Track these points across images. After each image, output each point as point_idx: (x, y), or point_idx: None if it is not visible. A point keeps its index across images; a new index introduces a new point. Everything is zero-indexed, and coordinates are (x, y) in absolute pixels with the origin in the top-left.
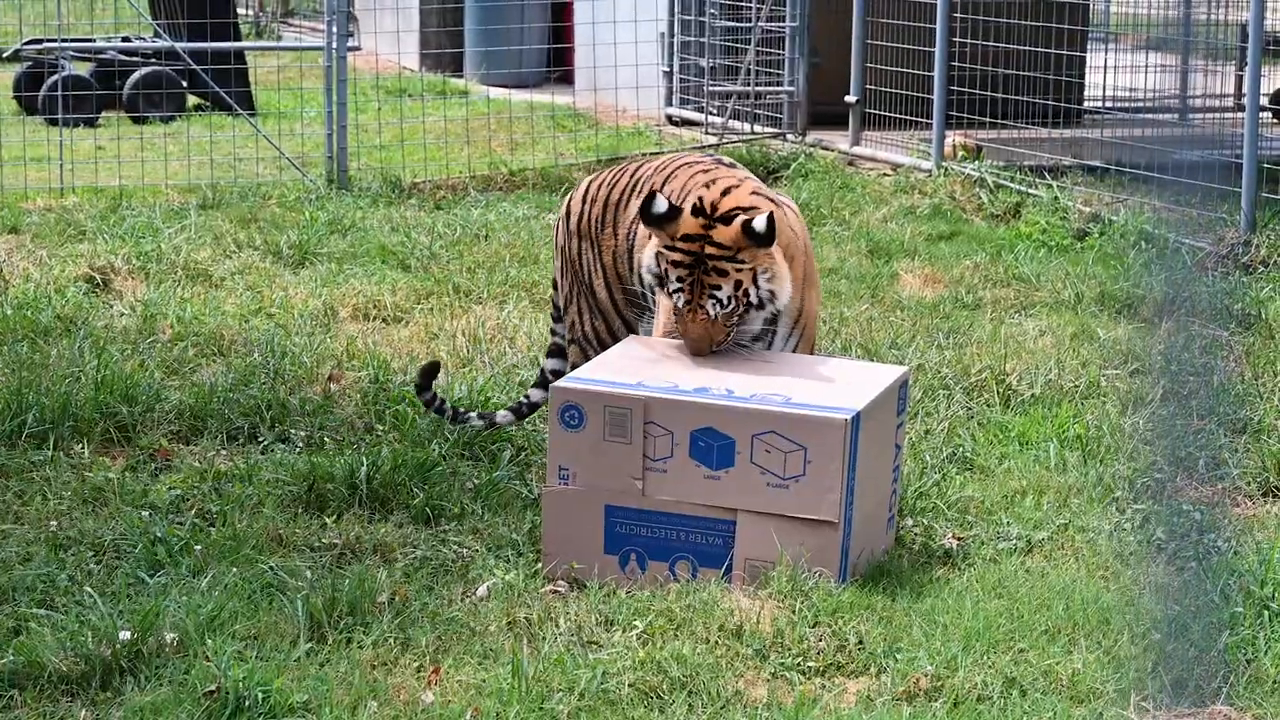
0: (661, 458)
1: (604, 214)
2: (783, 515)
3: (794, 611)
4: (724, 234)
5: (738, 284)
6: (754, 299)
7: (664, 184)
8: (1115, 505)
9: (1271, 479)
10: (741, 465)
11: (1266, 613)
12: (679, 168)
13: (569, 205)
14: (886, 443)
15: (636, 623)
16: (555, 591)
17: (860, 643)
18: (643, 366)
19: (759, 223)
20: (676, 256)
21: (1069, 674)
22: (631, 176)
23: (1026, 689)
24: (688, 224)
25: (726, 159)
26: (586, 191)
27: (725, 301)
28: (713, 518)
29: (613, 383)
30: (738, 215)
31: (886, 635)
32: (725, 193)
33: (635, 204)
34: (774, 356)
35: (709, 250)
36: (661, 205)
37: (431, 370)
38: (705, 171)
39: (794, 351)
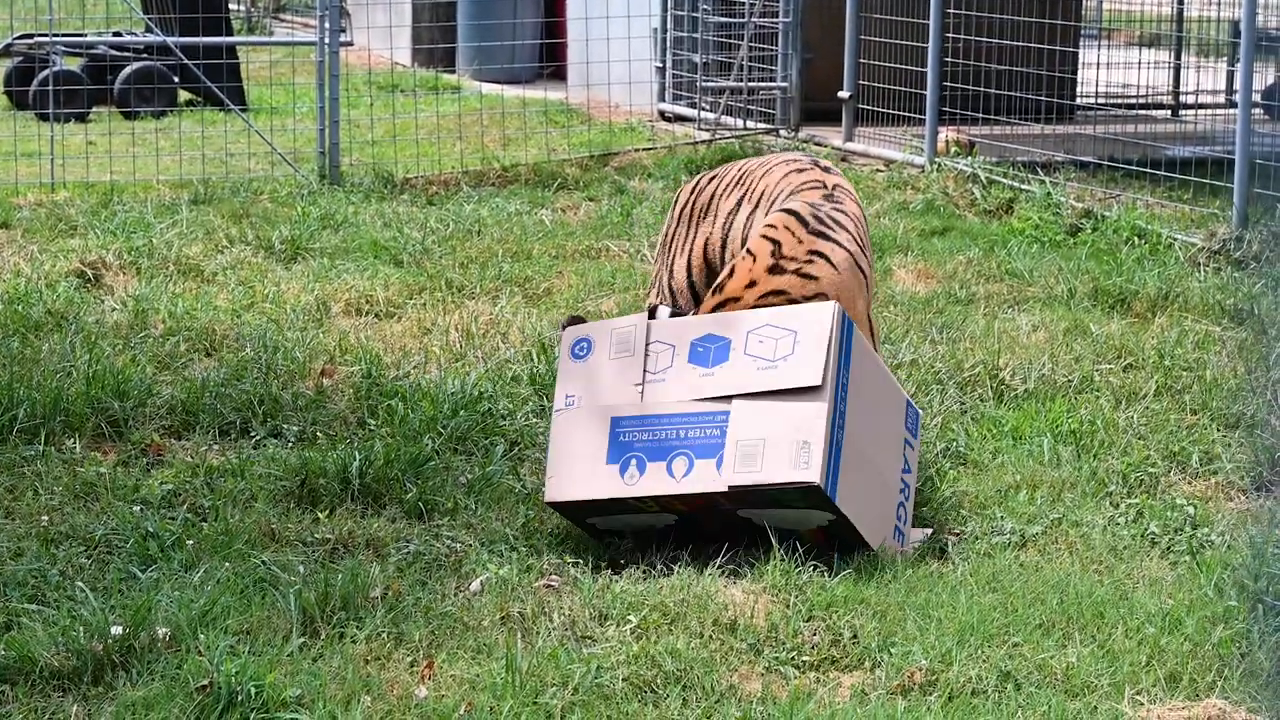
0: (662, 369)
1: (709, 203)
2: (771, 390)
3: (788, 605)
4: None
5: None
6: None
7: (762, 178)
8: (1109, 499)
9: (1264, 473)
10: (735, 358)
11: (1260, 606)
12: (778, 164)
13: (680, 194)
14: (891, 433)
15: (630, 617)
16: (549, 586)
17: (855, 637)
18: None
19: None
20: None
21: (1063, 667)
22: (739, 170)
23: (1021, 682)
24: None
25: (824, 161)
26: (698, 183)
27: None
28: (709, 411)
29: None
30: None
31: (881, 629)
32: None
33: (734, 194)
34: None
35: None
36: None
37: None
38: (799, 172)
39: None
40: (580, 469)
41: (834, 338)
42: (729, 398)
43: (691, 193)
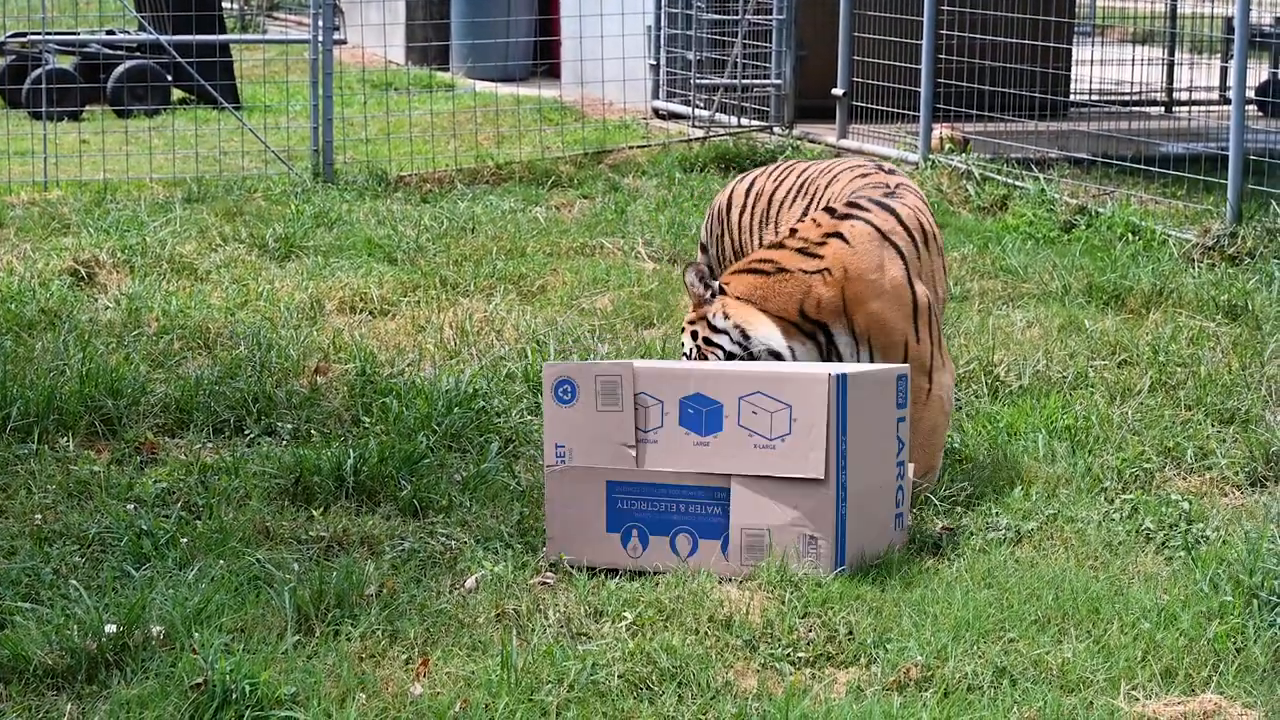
0: (653, 428)
1: (768, 209)
2: (773, 477)
3: (783, 602)
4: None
5: (694, 334)
6: (724, 344)
7: (827, 186)
8: (1104, 495)
9: (1259, 468)
10: (730, 429)
11: (1255, 601)
12: (843, 170)
13: (731, 193)
14: (885, 429)
15: (626, 614)
16: (544, 583)
17: (850, 633)
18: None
19: (689, 267)
20: None
21: (1059, 663)
22: (799, 177)
23: (1016, 678)
24: None
25: (888, 165)
26: (753, 184)
27: (690, 353)
28: (708, 486)
29: (604, 360)
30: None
31: (876, 625)
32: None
33: (799, 204)
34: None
35: (688, 316)
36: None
37: None
38: (863, 176)
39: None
40: (580, 533)
41: (832, 415)
42: (728, 475)
43: (747, 195)
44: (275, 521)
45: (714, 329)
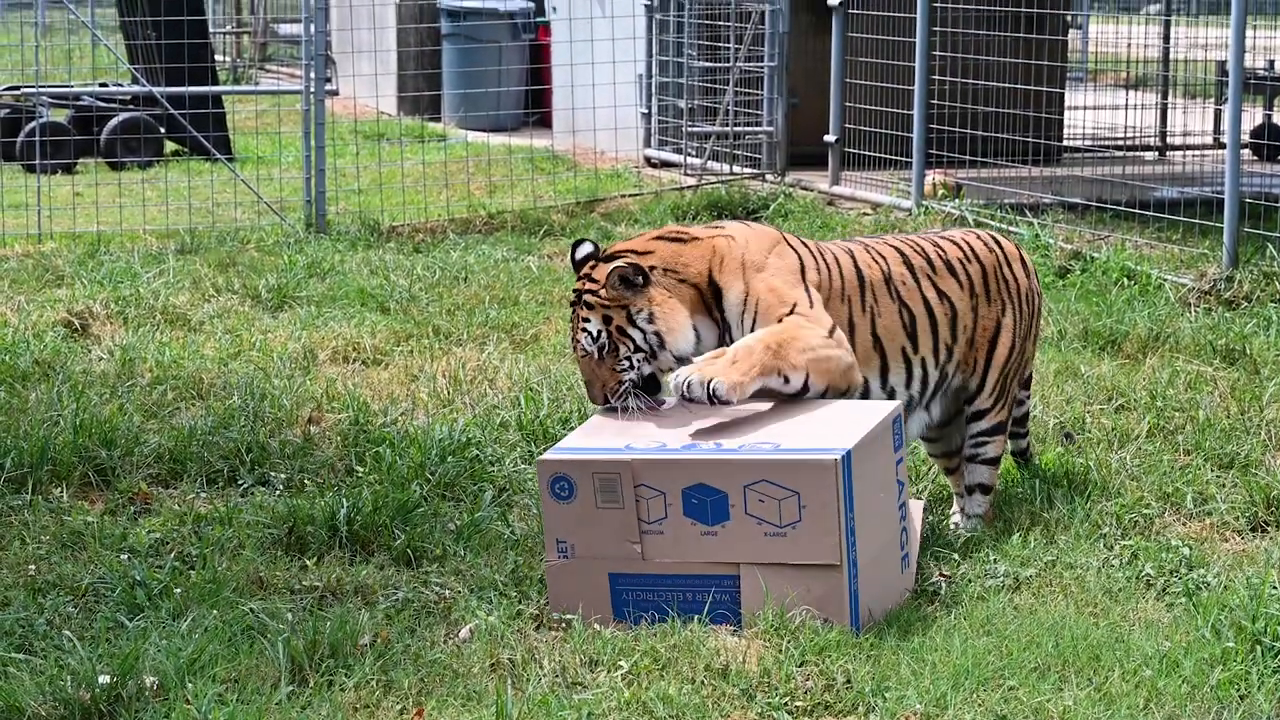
0: (656, 519)
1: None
2: (784, 564)
3: (780, 650)
4: (597, 270)
5: (607, 319)
6: (640, 343)
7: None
8: (1103, 541)
9: (1260, 513)
10: (737, 518)
11: (1259, 648)
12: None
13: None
14: (887, 480)
15: (622, 663)
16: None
17: (848, 681)
18: (629, 429)
19: (618, 264)
20: (571, 296)
21: (1060, 711)
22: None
23: None
24: (584, 267)
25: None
26: None
27: (595, 335)
28: (716, 574)
29: (599, 449)
30: (621, 256)
31: (874, 674)
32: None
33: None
34: (763, 406)
35: (586, 286)
36: (581, 251)
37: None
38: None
39: (754, 323)
40: (585, 613)
41: (841, 497)
42: (736, 564)
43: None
44: (269, 571)
45: (634, 323)
